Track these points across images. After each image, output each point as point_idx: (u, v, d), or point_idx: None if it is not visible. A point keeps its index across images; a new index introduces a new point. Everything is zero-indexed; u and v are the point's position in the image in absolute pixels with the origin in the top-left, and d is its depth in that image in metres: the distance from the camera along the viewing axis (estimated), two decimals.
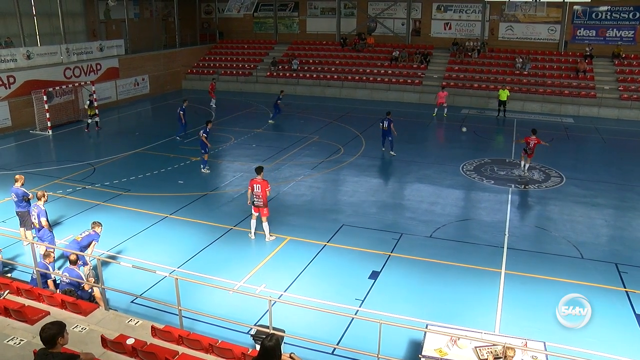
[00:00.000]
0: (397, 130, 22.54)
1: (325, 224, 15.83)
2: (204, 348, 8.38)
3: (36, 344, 7.47)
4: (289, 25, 44.30)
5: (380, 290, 12.25)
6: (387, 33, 40.89)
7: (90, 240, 12.45)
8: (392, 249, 14.17)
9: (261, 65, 40.92)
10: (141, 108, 34.57)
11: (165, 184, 19.18)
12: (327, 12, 42.65)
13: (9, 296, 10.00)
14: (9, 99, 27.88)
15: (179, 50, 41.63)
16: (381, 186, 19.54)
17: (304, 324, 10.49)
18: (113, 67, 35.09)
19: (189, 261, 13.54)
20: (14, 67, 28.75)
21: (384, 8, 40.61)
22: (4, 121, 27.57)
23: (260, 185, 14.21)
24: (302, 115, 30.67)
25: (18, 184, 14.16)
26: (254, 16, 44.70)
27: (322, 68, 38.95)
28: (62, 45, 32.13)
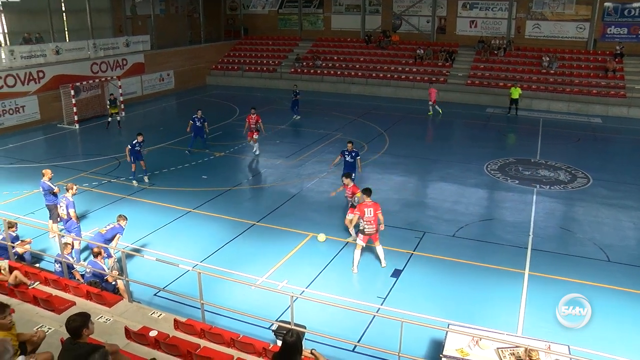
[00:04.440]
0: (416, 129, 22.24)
1: None
2: (225, 342, 8.44)
3: (63, 332, 7.58)
4: (314, 22, 44.26)
5: (402, 289, 12.22)
6: (412, 30, 40.64)
7: (115, 233, 12.63)
8: (414, 247, 14.11)
9: (285, 62, 40.97)
10: (166, 103, 34.86)
11: (189, 179, 19.34)
12: (352, 9, 42.52)
13: (37, 286, 10.20)
14: (38, 93, 28.39)
15: (204, 46, 41.84)
16: (404, 184, 19.43)
17: (325, 321, 10.50)
18: (139, 63, 35.47)
19: (211, 256, 13.65)
20: (44, 62, 29.23)
21: (409, 5, 40.36)
22: (34, 115, 28.08)
23: (373, 209, 12.72)
24: (326, 112, 30.64)
25: (45, 178, 14.41)
26: (279, 12, 44.82)
27: (347, 65, 38.87)
28: (90, 40, 32.59)
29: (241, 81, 39.99)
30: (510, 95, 30.53)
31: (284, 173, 19.98)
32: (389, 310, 11.09)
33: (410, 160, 21.79)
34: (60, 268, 11.73)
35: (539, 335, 9.01)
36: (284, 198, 17.62)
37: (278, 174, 19.83)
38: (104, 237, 12.39)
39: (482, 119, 29.87)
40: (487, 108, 32.21)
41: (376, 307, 11.32)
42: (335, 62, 39.44)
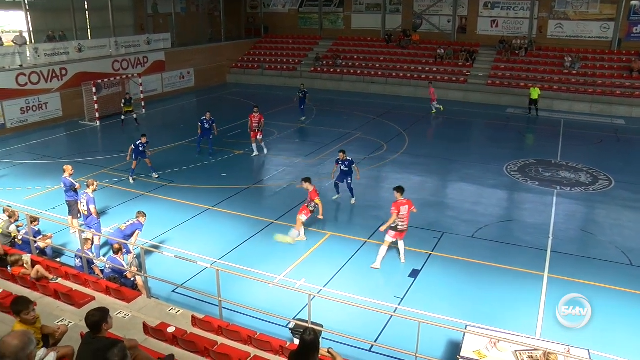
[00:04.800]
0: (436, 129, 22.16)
1: (367, 220, 15.84)
2: (242, 339, 8.47)
3: (83, 326, 7.64)
4: (334, 21, 44.21)
5: (420, 289, 12.19)
6: (433, 30, 40.43)
7: (134, 230, 12.78)
8: (433, 247, 14.07)
9: (305, 61, 40.99)
10: (186, 101, 35.06)
11: (208, 177, 19.46)
12: (372, 8, 42.40)
13: (58, 280, 10.34)
14: (60, 90, 28.76)
15: (224, 44, 42.03)
16: (423, 184, 19.34)
17: (343, 320, 10.50)
18: (159, 60, 35.74)
19: (230, 253, 13.72)
20: (67, 60, 29.58)
21: (430, 5, 40.15)
22: (56, 111, 28.46)
23: (407, 206, 13.03)
24: (346, 111, 30.60)
25: (66, 174, 14.58)
26: (299, 11, 44.87)
27: (367, 64, 38.79)
28: (112, 38, 32.87)
29: (261, 79, 40.10)
30: (530, 95, 30.25)
31: (303, 171, 19.94)
32: (406, 310, 11.07)
33: (430, 160, 21.69)
34: (80, 263, 11.87)
35: (558, 339, 8.92)
36: (302, 197, 17.53)
37: (297, 173, 19.85)
38: (124, 234, 12.54)
39: (503, 120, 29.65)
40: (507, 108, 31.93)
41: (393, 307, 11.31)
42: (355, 62, 39.38)
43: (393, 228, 12.93)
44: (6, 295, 8.71)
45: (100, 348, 5.73)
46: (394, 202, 13.06)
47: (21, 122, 26.72)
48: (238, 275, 11.12)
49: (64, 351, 6.47)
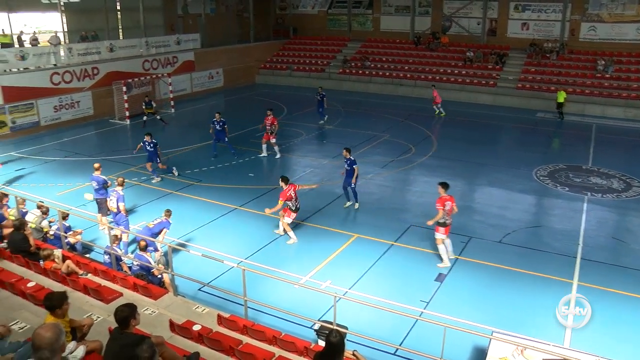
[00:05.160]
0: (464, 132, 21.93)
1: (393, 223, 15.76)
2: (267, 339, 8.51)
3: (111, 321, 7.80)
4: (363, 23, 44.11)
5: (446, 293, 12.10)
6: (462, 32, 40.08)
7: (162, 228, 12.94)
8: (460, 252, 13.94)
9: (334, 62, 41.00)
10: (215, 101, 35.29)
11: (235, 177, 19.57)
12: (401, 10, 42.20)
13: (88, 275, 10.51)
14: (92, 89, 29.26)
15: (253, 45, 42.24)
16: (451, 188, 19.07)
17: (367, 322, 10.48)
18: (189, 60, 36.10)
19: (256, 253, 13.80)
20: (98, 59, 30.10)
21: (460, 7, 39.81)
22: (87, 110, 28.96)
23: (450, 201, 13.24)
24: (373, 113, 30.52)
25: (98, 172, 14.79)
26: (328, 13, 44.88)
27: (395, 66, 38.64)
28: (142, 38, 33.36)
29: (289, 80, 40.21)
30: (557, 99, 29.81)
31: (330, 173, 19.98)
32: (432, 314, 11.01)
33: (458, 164, 21.49)
34: (109, 259, 12.04)
35: (587, 349, 8.77)
36: (329, 198, 17.65)
37: (324, 174, 19.86)
38: (152, 231, 12.70)
39: (532, 124, 29.27)
40: (537, 112, 31.43)
41: (419, 311, 11.24)
42: (383, 64, 39.26)
43: (442, 224, 13.03)
44: (39, 288, 8.89)
45: (128, 343, 5.81)
46: (439, 198, 13.16)
47: (54, 119, 27.24)
48: (264, 275, 11.16)
49: (93, 345, 6.58)
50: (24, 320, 7.56)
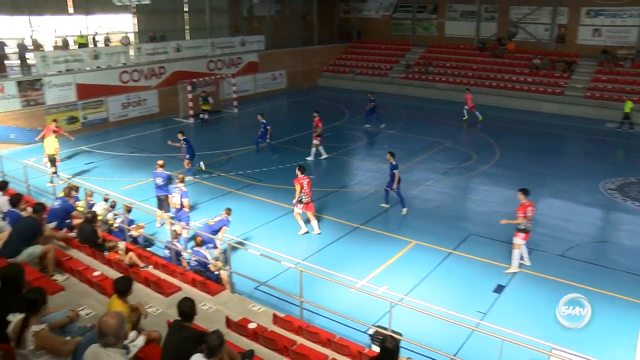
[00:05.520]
0: (528, 141, 21.25)
1: (452, 231, 15.53)
2: (321, 341, 8.51)
3: (169, 314, 7.99)
4: (427, 28, 43.63)
5: (505, 306, 11.82)
6: (529, 39, 38.97)
7: (222, 225, 13.15)
8: (520, 263, 13.57)
9: (397, 67, 40.75)
10: (277, 102, 35.70)
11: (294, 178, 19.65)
12: (466, 15, 41.49)
13: (149, 268, 10.79)
14: (158, 87, 30.14)
15: (317, 48, 42.48)
16: (513, 198, 18.43)
17: (422, 331, 10.32)
18: (253, 62, 36.64)
19: (313, 255, 13.87)
20: (165, 59, 30.97)
21: (527, 13, 38.70)
22: (153, 108, 29.84)
23: (531, 207, 13.34)
24: (436, 119, 30.14)
25: (161, 169, 15.17)
26: (392, 17, 44.60)
27: (459, 73, 38.05)
28: (208, 39, 34.12)
29: (352, 84, 40.20)
30: (624, 108, 28.63)
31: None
32: (488, 326, 10.76)
33: (521, 173, 20.89)
34: (169, 254, 12.33)
35: None
36: (388, 203, 17.52)
37: (384, 179, 19.63)
38: (212, 228, 12.93)
39: (601, 134, 28.23)
40: (606, 123, 30.22)
41: (476, 322, 11.01)
42: (447, 69, 38.73)
43: (522, 230, 13.06)
44: (103, 277, 9.19)
45: (188, 337, 5.98)
46: (520, 205, 13.13)
47: (122, 116, 28.18)
48: (321, 277, 11.17)
49: (153, 335, 6.74)
50: (89, 307, 7.82)
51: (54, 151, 18.68)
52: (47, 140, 18.92)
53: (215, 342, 5.56)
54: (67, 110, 26.03)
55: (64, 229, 12.01)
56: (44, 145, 19.13)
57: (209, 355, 5.55)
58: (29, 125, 24.05)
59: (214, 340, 5.57)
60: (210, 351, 5.56)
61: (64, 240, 11.16)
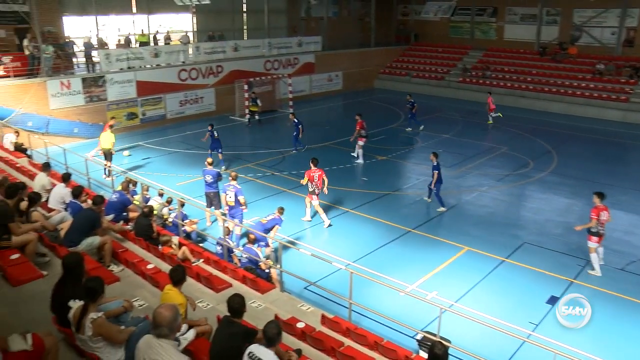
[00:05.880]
0: (589, 150, 20.56)
1: (506, 239, 15.22)
2: (368, 344, 8.46)
3: (219, 310, 8.08)
4: (486, 31, 42.88)
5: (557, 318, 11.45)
6: (593, 43, 37.63)
7: (274, 224, 13.26)
8: (575, 275, 13.19)
9: (454, 71, 40.22)
10: (333, 103, 35.78)
11: (348, 179, 19.71)
12: (527, 18, 40.51)
13: (200, 263, 10.98)
14: (215, 86, 30.70)
15: (374, 49, 42.35)
16: (570, 207, 18.15)
17: (471, 338, 10.15)
18: (309, 62, 36.86)
19: (364, 257, 13.82)
20: (223, 58, 31.50)
21: (592, 16, 37.31)
22: (210, 106, 30.43)
23: (606, 211, 13.25)
24: (492, 125, 29.58)
25: (210, 166, 15.41)
26: (451, 20, 43.96)
27: (517, 77, 37.21)
28: (265, 39, 34.49)
29: (408, 87, 39.76)
30: None
31: (444, 183, 19.59)
32: (540, 338, 10.48)
33: (579, 182, 20.28)
34: (221, 250, 12.51)
35: None
36: (445, 206, 17.33)
37: None
38: (264, 227, 13.04)
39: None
40: None
41: (527, 333, 10.75)
42: (505, 74, 37.95)
43: (594, 233, 13.04)
44: (157, 270, 9.38)
45: (238, 333, 6.06)
46: (594, 208, 13.01)
47: (179, 113, 28.83)
48: (370, 280, 11.10)
49: (203, 329, 6.85)
50: (142, 299, 8.00)
51: (110, 145, 19.32)
52: (104, 135, 19.57)
53: (273, 331, 5.70)
54: (127, 107, 26.84)
55: (121, 222, 12.37)
56: (100, 140, 19.76)
57: (268, 345, 5.68)
58: (91, 120, 24.94)
59: (273, 330, 5.70)
60: (268, 340, 5.69)
61: (120, 232, 11.50)
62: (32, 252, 8.70)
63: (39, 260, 8.81)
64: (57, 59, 25.02)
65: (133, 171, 20.11)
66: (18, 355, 5.35)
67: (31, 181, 13.69)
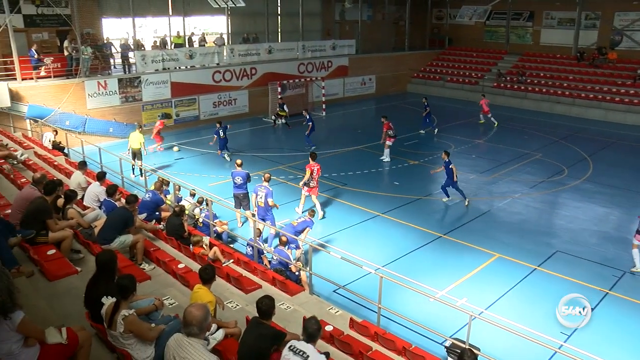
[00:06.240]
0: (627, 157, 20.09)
1: (538, 247, 14.97)
2: (397, 349, 8.42)
3: (248, 311, 8.13)
4: (522, 36, 42.31)
5: (591, 329, 11.17)
6: (635, 47, 36.67)
7: (305, 227, 13.29)
8: (611, 286, 12.90)
9: (488, 75, 39.78)
10: (366, 107, 35.73)
11: (380, 183, 19.68)
12: (565, 22, 39.82)
13: (230, 264, 11.07)
14: (249, 88, 30.94)
15: (408, 53, 42.17)
16: (606, 216, 17.75)
17: (501, 347, 10.03)
18: (343, 66, 36.86)
19: (394, 261, 13.76)
20: (257, 60, 31.73)
21: (635, 19, 36.44)
22: (243, 107, 30.69)
23: None
24: (526, 130, 29.18)
25: (240, 168, 15.52)
26: (486, 24, 43.57)
27: (553, 83, 36.59)
28: (299, 42, 34.64)
29: (441, 91, 39.61)
30: None
31: (476, 189, 19.45)
32: (572, 349, 10.29)
33: (617, 191, 19.82)
34: (251, 251, 12.58)
35: None
36: (473, 214, 17.17)
37: (470, 189, 19.30)
38: (295, 229, 13.08)
39: None
40: None
41: (558, 344, 10.53)
42: (541, 79, 37.38)
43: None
44: (187, 270, 9.49)
45: (267, 334, 6.09)
46: None
47: (212, 115, 29.10)
48: (400, 284, 11.04)
49: (232, 330, 6.91)
50: (173, 297, 8.09)
51: (139, 145, 19.65)
52: (133, 135, 19.94)
53: (314, 327, 5.82)
54: (162, 107, 27.24)
55: (153, 221, 12.56)
56: (130, 139, 20.11)
57: (308, 340, 5.77)
58: (126, 120, 25.37)
59: (313, 325, 5.83)
60: (309, 336, 5.79)
61: (152, 231, 11.67)
62: (67, 249, 8.88)
63: (74, 257, 8.99)
64: (95, 60, 25.53)
65: (164, 169, 20.41)
66: (53, 347, 5.49)
67: (67, 179, 13.97)
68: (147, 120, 26.32)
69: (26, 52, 23.92)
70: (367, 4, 41.89)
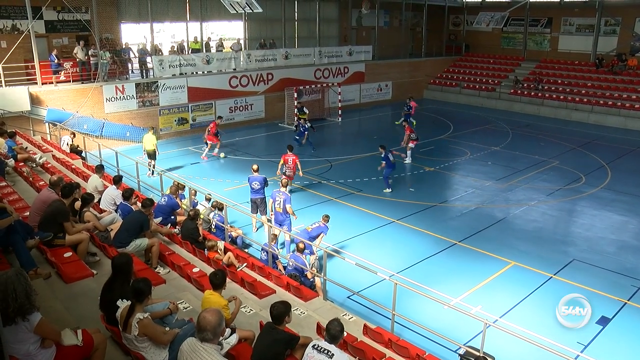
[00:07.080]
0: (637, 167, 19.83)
1: (555, 255, 14.83)
2: (410, 357, 8.36)
3: (262, 316, 8.14)
4: (539, 42, 42.07)
5: (608, 340, 11.10)
6: None
7: (320, 232, 13.27)
8: (629, 296, 12.73)
9: (505, 82, 39.56)
10: (382, 113, 35.69)
11: (396, 190, 19.58)
12: (583, 29, 39.51)
13: (245, 269, 11.08)
14: (265, 93, 31.05)
15: (424, 60, 42.12)
16: (625, 224, 17.54)
17: (515, 355, 9.98)
18: (359, 72, 36.86)
19: (409, 268, 13.70)
20: (273, 66, 31.84)
21: None
22: (259, 113, 30.79)
23: None
24: (543, 137, 28.97)
25: (257, 173, 15.56)
26: (503, 31, 43.37)
27: (571, 90, 36.29)
28: (316, 48, 34.73)
29: (458, 98, 39.49)
30: None
31: (492, 196, 19.32)
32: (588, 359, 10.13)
33: (636, 199, 19.57)
34: (266, 257, 12.60)
35: None
36: (489, 221, 17.06)
37: (486, 196, 19.21)
38: (310, 235, 13.07)
39: None
40: None
41: (575, 354, 10.42)
42: (558, 86, 37.09)
43: None
44: (202, 274, 9.51)
45: (279, 339, 6.11)
46: None
47: (228, 120, 29.21)
48: (415, 291, 11.00)
49: (246, 334, 6.92)
50: (187, 301, 8.11)
51: (152, 146, 20.31)
52: (147, 137, 20.57)
53: (337, 328, 5.92)
54: (178, 112, 27.41)
55: (169, 225, 12.62)
56: (143, 142, 20.70)
57: (330, 341, 5.87)
58: (143, 124, 25.53)
59: (336, 327, 5.93)
60: (332, 337, 5.88)
61: (167, 235, 11.73)
62: (84, 251, 8.96)
63: (90, 260, 9.06)
64: (113, 64, 25.79)
65: (180, 173, 20.52)
66: (69, 349, 5.53)
67: (85, 182, 14.09)
68: (164, 125, 26.53)
69: (47, 57, 24.23)
70: (384, 10, 41.89)
